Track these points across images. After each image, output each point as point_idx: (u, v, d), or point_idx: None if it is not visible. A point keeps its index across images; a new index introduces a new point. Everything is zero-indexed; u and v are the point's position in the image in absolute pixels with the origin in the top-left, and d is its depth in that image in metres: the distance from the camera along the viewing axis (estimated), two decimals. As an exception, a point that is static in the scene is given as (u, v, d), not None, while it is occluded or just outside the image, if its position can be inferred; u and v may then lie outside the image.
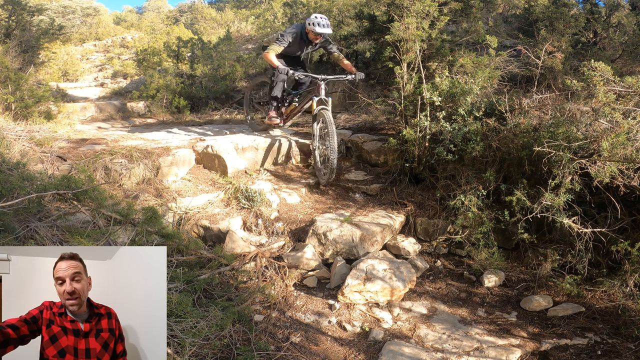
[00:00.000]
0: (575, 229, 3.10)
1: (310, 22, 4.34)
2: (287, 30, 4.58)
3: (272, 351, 2.43)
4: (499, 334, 2.78)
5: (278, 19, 8.05)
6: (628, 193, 3.00)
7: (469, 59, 4.37)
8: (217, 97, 7.52)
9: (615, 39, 5.42)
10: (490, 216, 3.52)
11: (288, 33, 4.49)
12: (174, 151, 4.26)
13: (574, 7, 5.73)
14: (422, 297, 3.19)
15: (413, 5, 4.36)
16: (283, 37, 4.49)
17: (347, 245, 3.44)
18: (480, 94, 3.86)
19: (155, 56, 8.37)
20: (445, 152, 3.72)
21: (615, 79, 3.15)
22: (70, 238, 2.32)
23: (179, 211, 3.66)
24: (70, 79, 10.24)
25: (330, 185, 4.39)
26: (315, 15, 4.34)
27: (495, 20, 6.90)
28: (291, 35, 4.47)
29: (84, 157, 3.85)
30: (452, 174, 3.87)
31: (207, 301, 2.57)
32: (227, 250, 3.27)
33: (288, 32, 4.51)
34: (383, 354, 2.51)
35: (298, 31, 4.50)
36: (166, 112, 7.07)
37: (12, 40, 7.65)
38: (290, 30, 4.54)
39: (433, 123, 3.85)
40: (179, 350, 2.01)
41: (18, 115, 4.79)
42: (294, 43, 4.55)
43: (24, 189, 2.45)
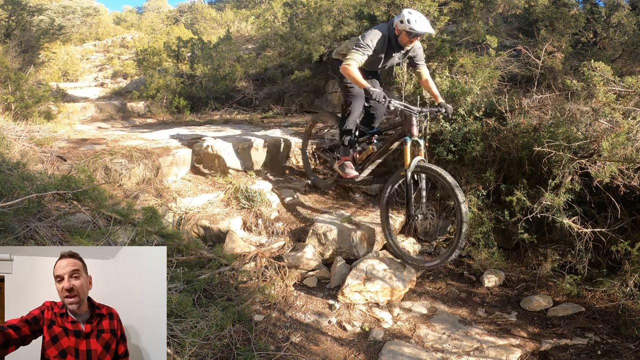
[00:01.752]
0: (575, 229, 3.10)
1: (403, 18, 3.13)
2: (367, 33, 3.32)
3: (272, 351, 2.43)
4: (499, 334, 2.78)
5: (278, 19, 8.05)
6: (628, 193, 3.00)
7: (469, 59, 4.37)
8: (217, 97, 7.52)
9: (615, 39, 5.42)
10: (490, 216, 3.53)
11: (370, 36, 3.27)
12: (174, 151, 4.26)
13: (574, 7, 5.72)
14: (422, 297, 3.19)
15: (413, 5, 4.36)
16: (365, 41, 3.25)
17: (347, 245, 3.44)
18: (480, 94, 3.86)
19: (155, 56, 8.37)
20: (445, 152, 3.72)
21: (615, 79, 3.16)
22: (70, 238, 2.33)
23: (179, 211, 3.66)
24: (70, 79, 10.25)
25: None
26: (409, 11, 3.15)
27: (495, 20, 6.89)
28: (375, 39, 3.26)
29: (84, 157, 3.85)
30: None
31: (207, 301, 2.57)
32: (227, 250, 3.27)
33: (370, 35, 3.27)
34: (383, 354, 2.51)
35: (385, 33, 3.29)
36: (166, 112, 7.07)
37: (12, 40, 7.65)
38: (372, 33, 3.29)
39: (433, 123, 3.85)
40: (179, 350, 2.01)
41: (18, 115, 4.78)
42: (378, 50, 3.32)
43: (24, 189, 2.45)
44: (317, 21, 6.47)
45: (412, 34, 3.16)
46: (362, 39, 3.28)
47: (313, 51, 6.34)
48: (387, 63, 3.52)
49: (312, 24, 6.48)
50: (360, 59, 3.23)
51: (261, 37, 8.82)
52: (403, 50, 3.37)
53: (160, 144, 4.51)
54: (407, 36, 3.20)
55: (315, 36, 6.38)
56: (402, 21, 3.14)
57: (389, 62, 3.51)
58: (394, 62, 3.56)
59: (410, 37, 3.20)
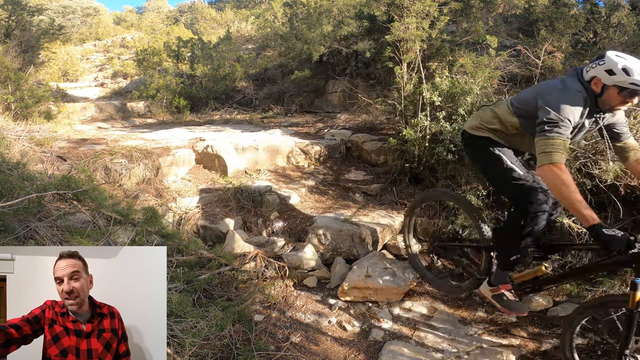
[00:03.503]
0: (575, 229, 3.10)
1: (615, 67, 1.99)
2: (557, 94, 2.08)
3: (272, 351, 2.43)
4: (499, 334, 2.78)
5: (278, 19, 8.05)
6: (628, 193, 3.01)
7: (469, 59, 4.37)
8: (217, 97, 7.53)
9: (615, 39, 5.42)
10: (490, 216, 3.53)
11: (568, 103, 2.04)
12: (174, 151, 4.26)
13: (574, 7, 5.74)
14: (422, 297, 3.19)
15: (413, 5, 4.37)
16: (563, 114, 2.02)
17: (347, 245, 3.44)
18: (480, 94, 3.86)
19: (155, 56, 8.38)
20: (445, 152, 3.72)
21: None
22: (70, 238, 2.32)
23: (179, 211, 3.66)
24: (70, 79, 10.26)
25: (330, 185, 4.39)
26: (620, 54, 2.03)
27: (495, 20, 6.90)
28: (577, 110, 2.05)
29: (84, 157, 3.85)
30: (452, 174, 3.87)
31: (207, 301, 2.57)
32: (227, 250, 3.27)
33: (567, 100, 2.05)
34: (383, 354, 2.51)
35: (583, 94, 2.08)
36: (166, 112, 7.08)
37: (12, 40, 7.66)
38: (568, 96, 2.06)
39: (433, 123, 3.85)
40: (179, 350, 2.01)
41: (18, 115, 4.79)
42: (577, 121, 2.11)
43: (24, 189, 2.45)
44: (317, 21, 6.47)
45: (634, 92, 2.00)
46: (559, 111, 2.02)
47: (313, 51, 6.34)
48: (575, 137, 2.26)
49: (312, 24, 6.48)
50: (566, 144, 2.03)
51: (261, 37, 8.83)
52: (603, 114, 2.17)
53: (160, 144, 4.52)
54: (620, 95, 2.03)
55: (315, 36, 6.38)
56: (613, 71, 2.00)
57: (578, 135, 2.25)
58: (581, 135, 2.28)
59: (628, 96, 2.03)
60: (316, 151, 4.88)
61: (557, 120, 2.02)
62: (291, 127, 6.02)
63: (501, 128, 2.39)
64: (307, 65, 7.00)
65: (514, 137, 2.38)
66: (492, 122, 2.42)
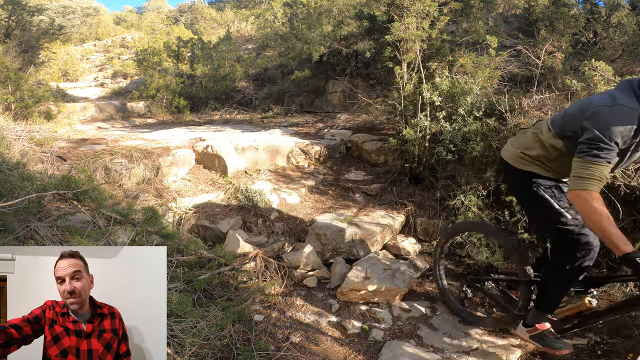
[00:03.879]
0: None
1: None
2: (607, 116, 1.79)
3: (272, 351, 2.43)
4: (499, 334, 2.78)
5: (278, 19, 8.05)
6: (628, 193, 3.01)
7: (469, 59, 4.37)
8: (217, 97, 7.54)
9: (615, 39, 5.43)
10: (490, 216, 3.53)
11: (617, 126, 1.77)
12: (174, 151, 4.26)
13: (574, 7, 5.74)
14: (422, 297, 3.19)
15: (413, 5, 4.37)
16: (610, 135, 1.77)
17: (347, 245, 3.44)
18: (480, 94, 3.87)
19: (155, 56, 8.39)
20: (445, 152, 3.72)
21: (615, 78, 3.16)
22: (70, 238, 2.32)
23: (179, 211, 3.66)
24: (70, 79, 10.26)
25: (330, 185, 4.39)
26: None
27: (495, 20, 6.90)
28: (628, 131, 1.78)
29: (84, 157, 3.85)
30: (452, 174, 3.87)
31: (207, 301, 2.57)
32: (227, 250, 3.27)
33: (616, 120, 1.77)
34: (383, 354, 2.51)
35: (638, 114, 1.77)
36: (166, 112, 7.08)
37: (12, 40, 7.66)
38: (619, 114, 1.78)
39: (433, 123, 3.85)
40: (179, 350, 2.01)
41: (18, 115, 4.79)
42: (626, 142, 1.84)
43: (24, 189, 2.45)
44: (317, 21, 6.47)
45: None
46: (605, 132, 1.77)
47: (313, 51, 6.34)
48: (628, 161, 2.00)
49: (312, 24, 6.49)
50: (606, 171, 1.81)
51: (261, 37, 8.83)
52: None
53: (160, 144, 4.52)
54: None
55: (315, 36, 6.38)
56: None
57: (631, 158, 1.99)
58: (632, 159, 2.01)
59: None
60: (316, 151, 4.88)
61: (599, 142, 1.77)
62: (291, 127, 6.02)
63: (544, 153, 2.15)
64: (307, 65, 7.00)
65: (557, 161, 2.13)
66: (534, 147, 2.18)
